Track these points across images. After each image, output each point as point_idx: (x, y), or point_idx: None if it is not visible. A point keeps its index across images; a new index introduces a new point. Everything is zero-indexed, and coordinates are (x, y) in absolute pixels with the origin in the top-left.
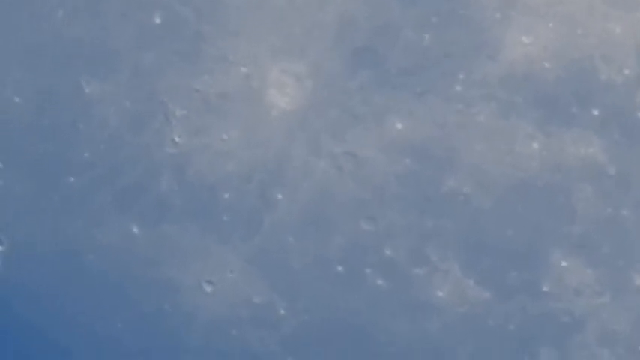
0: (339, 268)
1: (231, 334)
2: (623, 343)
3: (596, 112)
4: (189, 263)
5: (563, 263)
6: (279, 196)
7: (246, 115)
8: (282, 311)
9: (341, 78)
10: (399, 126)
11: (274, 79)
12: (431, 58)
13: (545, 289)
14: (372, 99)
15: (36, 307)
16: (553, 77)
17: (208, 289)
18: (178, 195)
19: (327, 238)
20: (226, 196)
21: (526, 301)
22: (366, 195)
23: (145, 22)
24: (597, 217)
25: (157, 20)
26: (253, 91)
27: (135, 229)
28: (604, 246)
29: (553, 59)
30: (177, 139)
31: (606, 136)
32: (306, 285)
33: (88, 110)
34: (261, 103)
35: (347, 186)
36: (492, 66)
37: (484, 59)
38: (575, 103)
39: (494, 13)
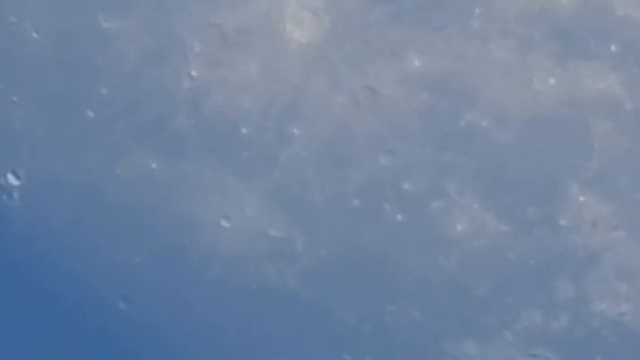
0: (357, 202)
1: (250, 269)
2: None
3: (613, 48)
4: (207, 198)
5: (581, 197)
6: (297, 131)
7: (264, 50)
8: (300, 246)
9: (359, 12)
10: (417, 61)
11: (292, 13)
12: None
13: (562, 223)
14: (389, 33)
15: (53, 241)
16: (570, 12)
17: (226, 224)
18: (196, 130)
19: (345, 172)
20: (244, 130)
21: (544, 235)
22: (385, 129)
23: None
24: (614, 151)
25: None
26: (271, 25)
27: (153, 164)
28: (621, 180)
29: None
30: (195, 74)
31: (624, 71)
32: (324, 219)
33: (106, 45)
34: (280, 38)
35: (365, 120)
36: (510, 1)
37: None
38: (593, 38)
39: None
